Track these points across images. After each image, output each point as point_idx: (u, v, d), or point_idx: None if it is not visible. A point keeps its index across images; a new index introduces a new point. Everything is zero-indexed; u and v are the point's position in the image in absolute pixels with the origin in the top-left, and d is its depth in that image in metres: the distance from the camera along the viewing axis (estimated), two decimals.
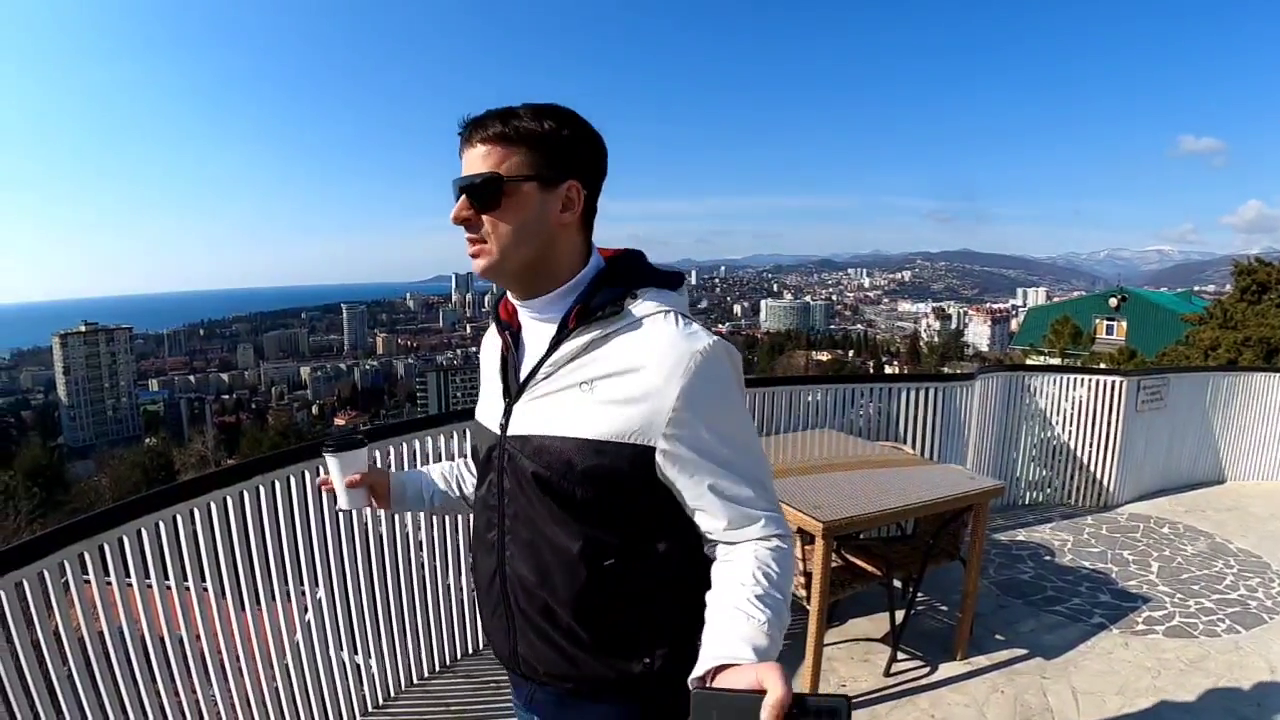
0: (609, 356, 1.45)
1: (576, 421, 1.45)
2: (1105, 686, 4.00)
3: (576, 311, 1.48)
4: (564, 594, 1.52)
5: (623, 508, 1.50)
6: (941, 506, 3.95)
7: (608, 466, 1.44)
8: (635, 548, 1.53)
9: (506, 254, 1.47)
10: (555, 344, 1.50)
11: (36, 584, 2.48)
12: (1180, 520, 6.78)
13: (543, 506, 1.51)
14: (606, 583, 1.51)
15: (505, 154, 1.44)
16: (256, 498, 3.24)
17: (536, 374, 1.52)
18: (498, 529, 1.62)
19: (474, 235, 1.48)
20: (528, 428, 1.52)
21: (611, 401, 1.43)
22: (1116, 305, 44.82)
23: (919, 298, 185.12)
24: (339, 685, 3.65)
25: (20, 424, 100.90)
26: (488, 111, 1.46)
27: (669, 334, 1.44)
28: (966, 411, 6.47)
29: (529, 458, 1.51)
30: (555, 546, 1.52)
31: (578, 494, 1.47)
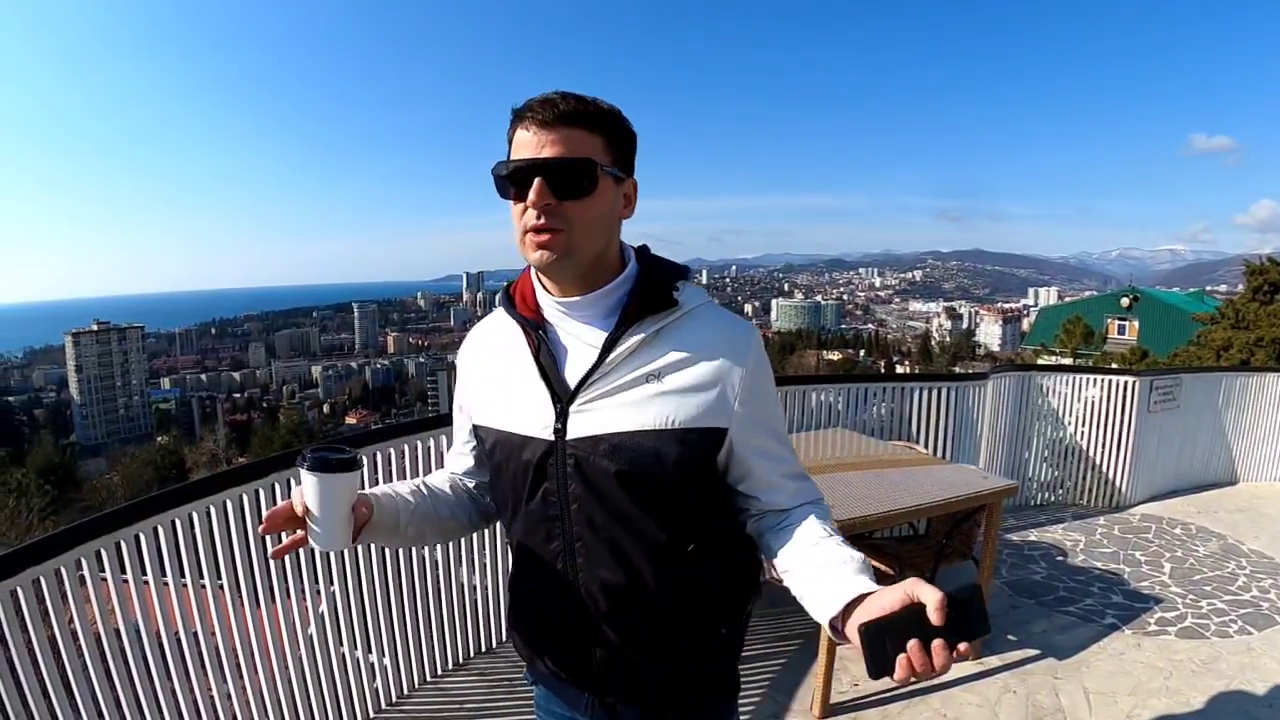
0: (673, 347, 1.46)
1: (652, 413, 1.44)
2: (1117, 687, 3.99)
3: (635, 306, 1.47)
4: (651, 586, 1.51)
5: (697, 491, 1.51)
6: (954, 506, 3.95)
7: (691, 453, 1.45)
8: (704, 529, 1.55)
9: (581, 245, 1.42)
10: (613, 340, 1.46)
11: (53, 580, 2.49)
12: (1192, 521, 6.76)
13: (622, 505, 1.48)
14: (688, 569, 1.53)
15: (589, 139, 1.40)
16: (272, 495, 3.24)
17: (595, 371, 1.47)
18: (562, 539, 1.54)
19: (551, 223, 1.38)
20: (597, 427, 1.46)
21: (683, 390, 1.44)
22: (1128, 305, 44.62)
23: (930, 297, 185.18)
24: (352, 682, 3.66)
25: (33, 422, 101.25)
26: (565, 94, 1.40)
27: (722, 321, 1.51)
28: (979, 411, 6.46)
29: (607, 458, 1.45)
30: (642, 541, 1.49)
31: (666, 485, 1.46)
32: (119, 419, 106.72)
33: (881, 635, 1.16)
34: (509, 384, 1.57)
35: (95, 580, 2.62)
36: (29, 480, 25.75)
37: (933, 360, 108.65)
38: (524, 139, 1.39)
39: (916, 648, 1.14)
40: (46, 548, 2.50)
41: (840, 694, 3.89)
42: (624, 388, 1.46)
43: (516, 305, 1.58)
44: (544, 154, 1.37)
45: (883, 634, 1.16)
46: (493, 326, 1.67)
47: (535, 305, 1.56)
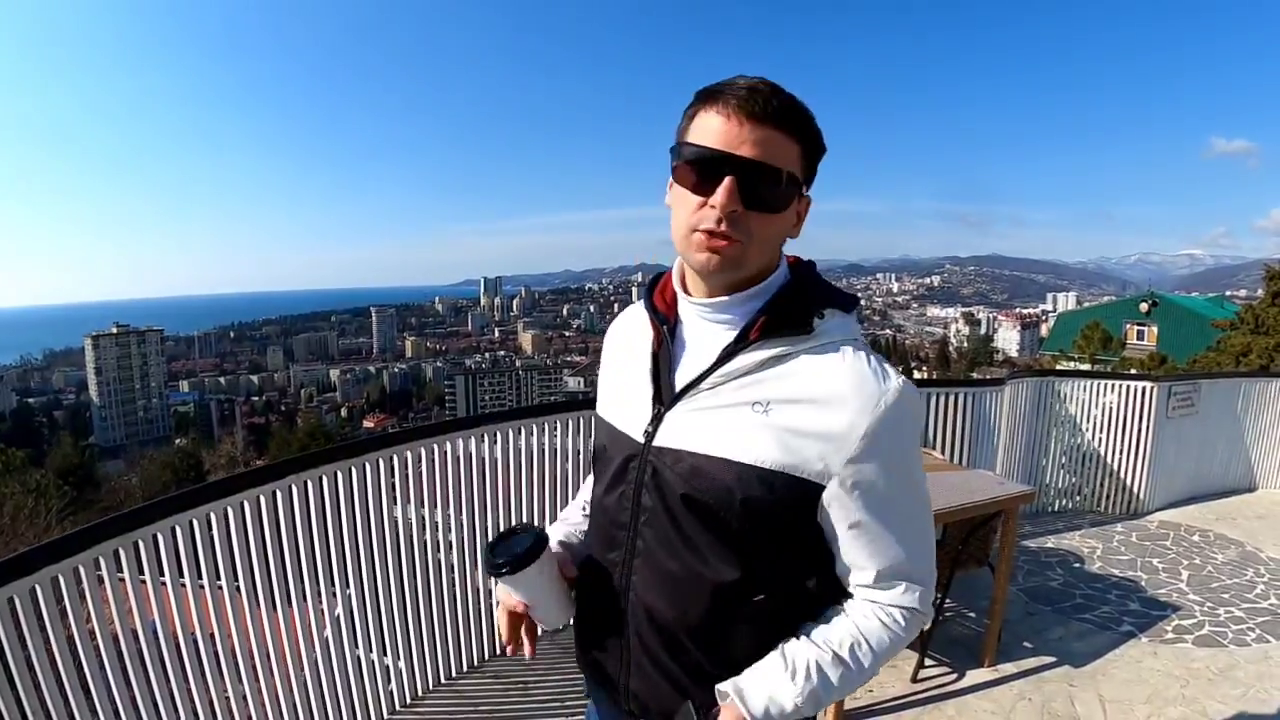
0: (791, 379, 1.29)
1: (744, 444, 1.29)
2: (1133, 695, 3.97)
3: (763, 322, 1.32)
4: (701, 629, 1.38)
5: (780, 540, 1.35)
6: (971, 512, 3.94)
7: (771, 499, 1.28)
8: (787, 583, 1.39)
9: (753, 261, 1.30)
10: (730, 353, 1.33)
11: (71, 579, 2.51)
12: (1210, 528, 6.72)
13: (690, 532, 1.35)
14: (752, 619, 1.37)
15: (790, 146, 1.25)
16: (289, 497, 3.27)
17: (702, 382, 1.34)
18: (624, 550, 1.44)
19: (732, 232, 1.24)
20: (683, 442, 1.34)
21: (788, 430, 1.27)
22: (1147, 310, 44.44)
23: (948, 303, 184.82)
24: (367, 684, 3.67)
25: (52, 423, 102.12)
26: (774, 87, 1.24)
27: (860, 367, 1.29)
28: (996, 416, 6.44)
29: (681, 476, 1.33)
30: (699, 577, 1.35)
31: (734, 524, 1.31)
32: (138, 421, 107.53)
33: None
34: (625, 376, 1.50)
35: (113, 580, 2.63)
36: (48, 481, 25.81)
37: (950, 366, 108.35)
38: (718, 126, 1.23)
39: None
40: (65, 546, 2.53)
41: (855, 700, 3.88)
42: (724, 407, 1.32)
43: (654, 297, 1.47)
44: (742, 151, 1.22)
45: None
46: (631, 316, 1.58)
47: (672, 299, 1.45)
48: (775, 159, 1.22)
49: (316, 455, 3.46)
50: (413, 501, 3.81)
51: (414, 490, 3.81)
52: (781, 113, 1.22)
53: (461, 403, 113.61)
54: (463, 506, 4.03)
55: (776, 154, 1.22)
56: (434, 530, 3.96)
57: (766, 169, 1.22)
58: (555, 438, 4.32)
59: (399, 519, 3.75)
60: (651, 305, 1.46)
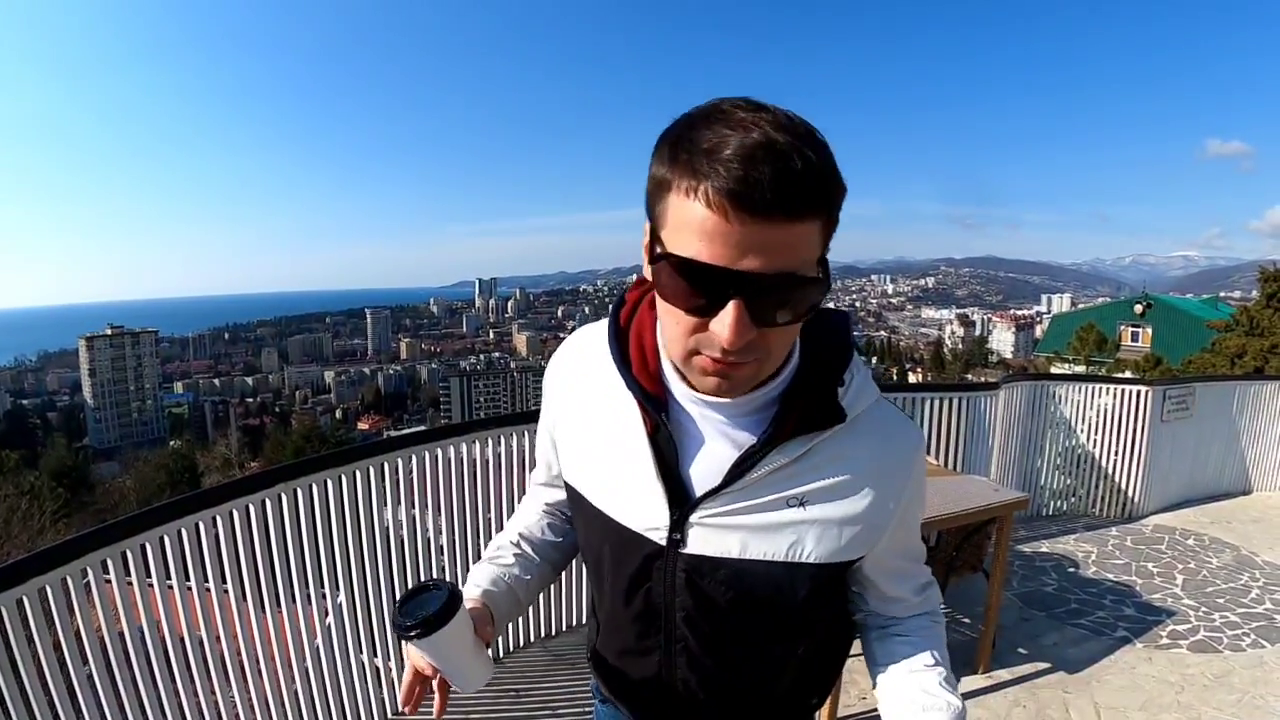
0: (822, 469, 1.18)
1: (787, 543, 1.19)
2: (1128, 702, 3.97)
3: (793, 419, 1.15)
4: (761, 683, 1.38)
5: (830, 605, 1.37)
6: (965, 519, 3.92)
7: (821, 587, 1.24)
8: (828, 633, 1.44)
9: (768, 371, 1.09)
10: (756, 453, 1.15)
11: (59, 588, 2.49)
12: (1205, 532, 6.71)
13: (740, 623, 1.27)
14: (801, 663, 1.40)
15: (808, 233, 0.93)
16: (279, 505, 3.26)
17: (729, 485, 1.17)
18: (661, 635, 1.32)
19: (746, 358, 1.00)
20: (721, 549, 1.20)
21: (828, 520, 1.19)
22: (1142, 312, 44.54)
23: (943, 304, 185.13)
24: (358, 690, 3.66)
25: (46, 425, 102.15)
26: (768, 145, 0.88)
27: (888, 432, 1.22)
28: (991, 421, 6.41)
29: (724, 584, 1.22)
30: (754, 651, 1.32)
31: (783, 615, 1.26)
32: (132, 423, 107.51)
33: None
34: (614, 458, 1.26)
35: (100, 585, 2.62)
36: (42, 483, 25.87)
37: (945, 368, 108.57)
38: (709, 226, 0.90)
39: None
40: (52, 558, 2.51)
41: (848, 707, 3.87)
42: (758, 509, 1.18)
43: (633, 364, 1.21)
44: (745, 264, 0.90)
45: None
46: (596, 355, 1.29)
47: (658, 369, 1.21)
48: (788, 263, 0.92)
49: (309, 463, 3.46)
50: (403, 506, 3.80)
51: (404, 496, 3.80)
52: (792, 196, 0.88)
53: (456, 404, 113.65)
54: (454, 512, 4.02)
55: (789, 255, 0.92)
56: (425, 536, 3.94)
57: (780, 280, 0.93)
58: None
59: (389, 525, 3.74)
60: (635, 383, 1.20)
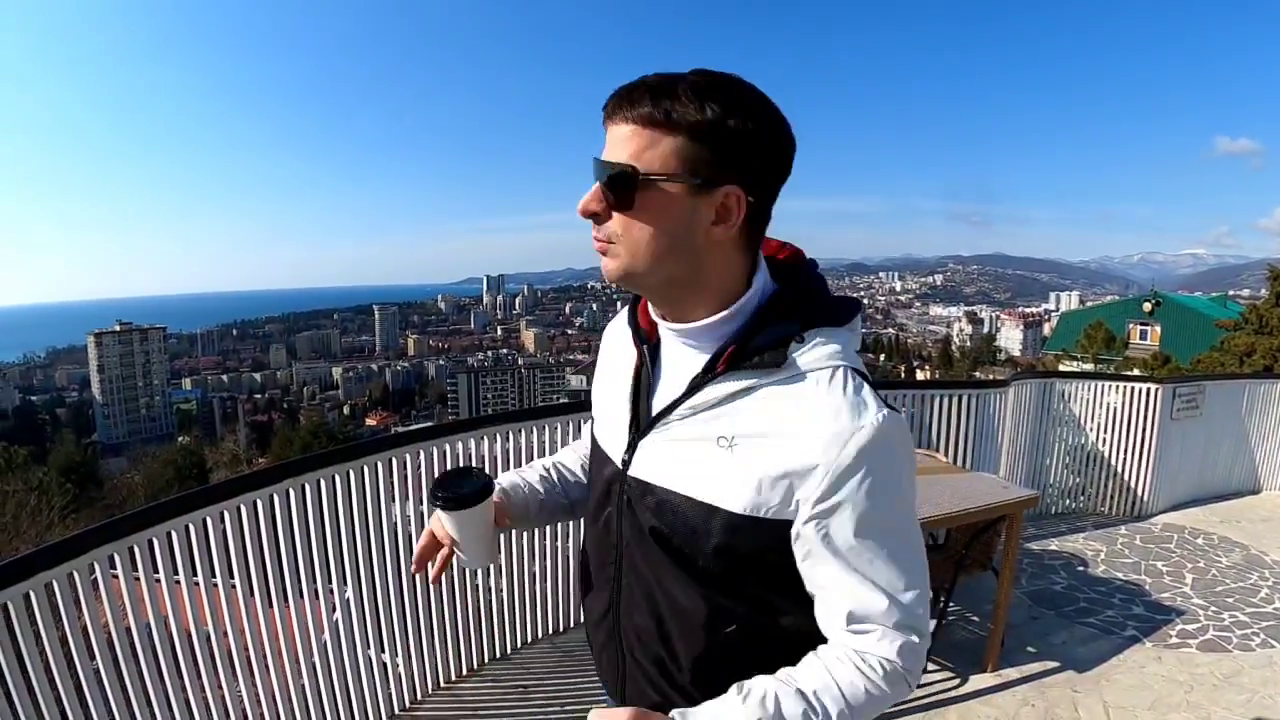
0: (758, 413, 1.20)
1: (710, 483, 1.22)
2: (1137, 701, 3.95)
3: (730, 353, 1.22)
4: (682, 654, 1.34)
5: (748, 577, 1.28)
6: (975, 517, 3.91)
7: (735, 540, 1.22)
8: (759, 618, 1.32)
9: (639, 263, 1.19)
10: (697, 384, 1.25)
11: (66, 583, 2.49)
12: (1215, 531, 6.69)
13: (660, 563, 1.31)
14: (727, 650, 1.31)
15: (651, 140, 1.13)
16: (286, 500, 3.26)
17: (671, 412, 1.28)
18: (614, 568, 1.42)
19: (598, 234, 1.20)
20: (652, 474, 1.30)
21: (753, 468, 1.18)
22: (1150, 310, 44.40)
23: (951, 301, 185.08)
24: (365, 685, 3.66)
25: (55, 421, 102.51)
26: (643, 80, 1.15)
27: (834, 398, 1.17)
28: (1000, 418, 6.41)
29: (650, 511, 1.29)
30: (675, 605, 1.32)
31: (699, 560, 1.26)
32: (140, 419, 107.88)
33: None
34: (611, 392, 1.45)
35: (107, 581, 2.62)
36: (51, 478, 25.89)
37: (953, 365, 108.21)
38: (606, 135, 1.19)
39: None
40: (58, 553, 2.51)
41: None
42: (690, 441, 1.25)
43: (639, 311, 1.40)
44: (606, 154, 1.17)
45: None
46: (621, 327, 1.49)
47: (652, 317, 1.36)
48: (619, 155, 1.15)
49: (316, 458, 3.46)
50: (410, 501, 3.80)
51: (412, 491, 3.79)
52: (629, 102, 1.14)
53: (464, 401, 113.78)
54: None
55: (631, 150, 1.14)
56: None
57: (612, 168, 1.14)
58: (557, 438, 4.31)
59: (397, 521, 3.74)
60: (635, 322, 1.40)
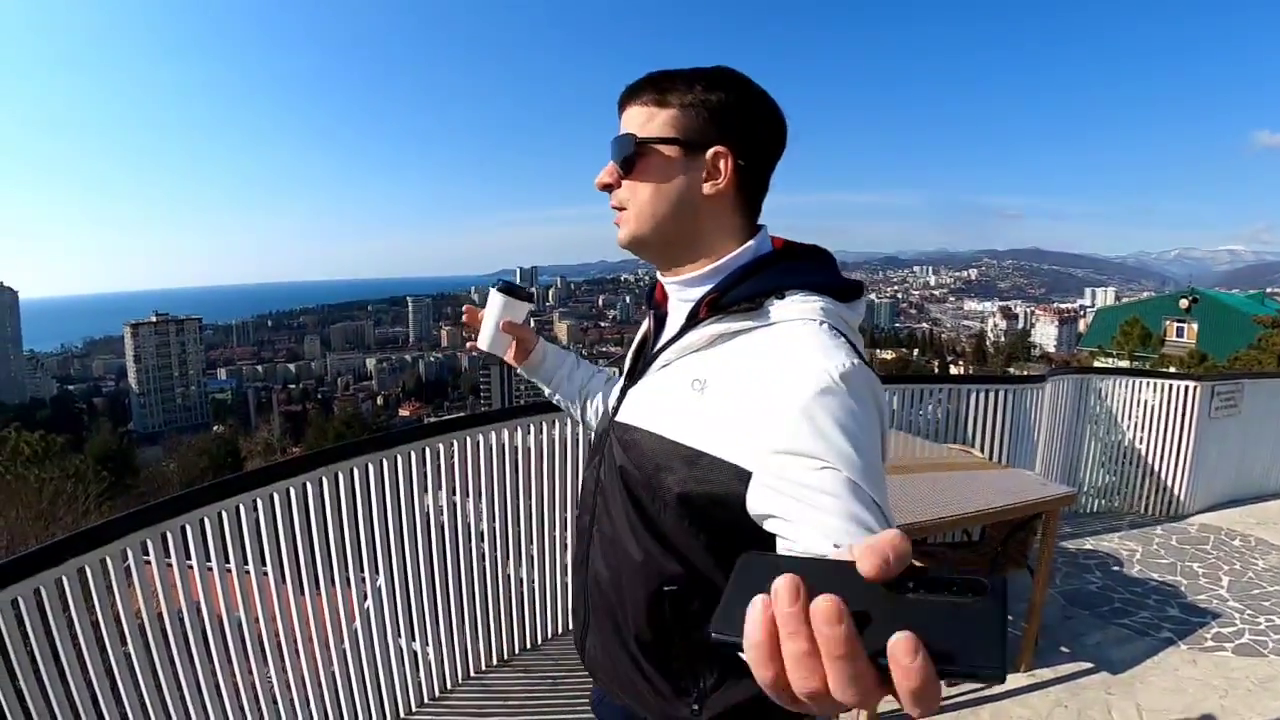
0: (730, 357, 1.24)
1: (677, 422, 1.27)
2: (1171, 704, 3.90)
3: (709, 300, 1.29)
4: (630, 605, 1.37)
5: (706, 530, 1.27)
6: (1011, 513, 3.86)
7: (696, 479, 1.22)
8: (701, 577, 1.29)
9: (644, 223, 1.33)
10: (681, 332, 1.34)
11: (99, 568, 2.52)
12: (1252, 533, 6.58)
13: (621, 505, 1.36)
14: (667, 607, 1.32)
15: (649, 115, 1.30)
16: (320, 488, 3.27)
17: (655, 360, 1.38)
18: (590, 515, 1.48)
19: (614, 203, 1.35)
20: (631, 416, 1.39)
21: (719, 409, 1.21)
22: (1187, 307, 43.98)
23: (985, 296, 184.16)
24: (395, 674, 3.67)
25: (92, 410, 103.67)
26: (647, 74, 1.33)
27: (804, 344, 1.16)
28: (1036, 414, 6.36)
29: (623, 448, 1.37)
30: (626, 552, 1.36)
31: (655, 501, 1.29)
32: (176, 408, 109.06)
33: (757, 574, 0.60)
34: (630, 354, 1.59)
35: (140, 567, 2.64)
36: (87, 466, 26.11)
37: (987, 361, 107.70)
38: None
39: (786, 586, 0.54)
40: (96, 536, 2.54)
41: (889, 702, 3.83)
42: (669, 384, 1.33)
43: (657, 289, 1.52)
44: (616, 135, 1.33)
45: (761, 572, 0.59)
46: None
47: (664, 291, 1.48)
48: (635, 127, 1.30)
49: (349, 447, 3.47)
50: (444, 491, 3.81)
51: (445, 481, 3.80)
52: (635, 91, 1.32)
53: (496, 392, 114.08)
54: (495, 498, 4.02)
55: (636, 123, 1.31)
56: (465, 521, 3.94)
57: (621, 140, 1.31)
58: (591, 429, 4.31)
59: (430, 510, 3.75)
60: (650, 291, 1.54)
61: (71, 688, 2.42)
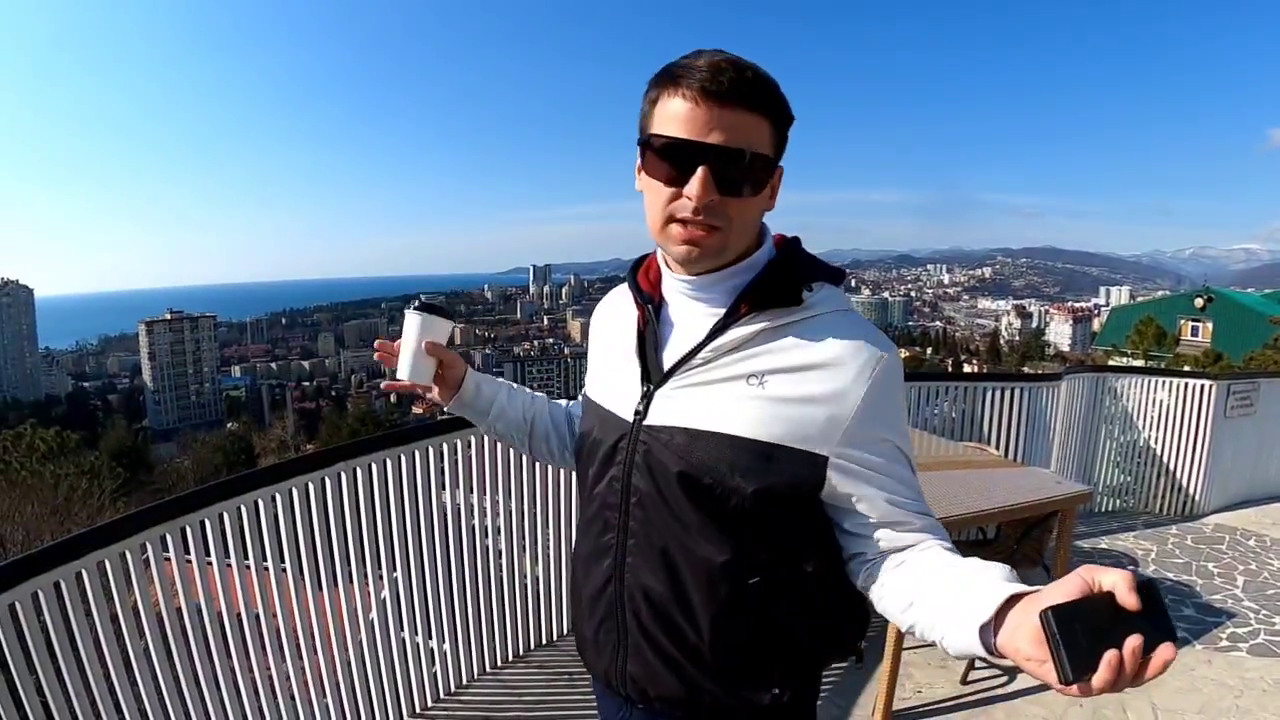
0: (784, 350, 1.27)
1: (741, 418, 1.26)
2: (1186, 705, 3.89)
3: (751, 297, 1.29)
4: (699, 611, 1.33)
5: (777, 519, 1.31)
6: (1026, 511, 3.86)
7: (772, 473, 1.25)
8: (783, 566, 1.34)
9: (734, 245, 1.28)
10: (721, 327, 1.30)
11: (118, 562, 2.54)
12: (1267, 533, 6.55)
13: (685, 510, 1.31)
14: (748, 602, 1.32)
15: (758, 123, 1.21)
16: (338, 483, 3.29)
17: (692, 358, 1.31)
18: (617, 532, 1.40)
19: (710, 220, 1.22)
20: (677, 418, 1.31)
21: (786, 400, 1.25)
22: (1202, 306, 43.80)
23: (999, 295, 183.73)
24: (412, 669, 3.69)
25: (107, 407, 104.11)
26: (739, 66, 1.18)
27: (854, 333, 1.27)
28: (1052, 413, 6.36)
29: (675, 453, 1.30)
30: (695, 557, 1.32)
31: (731, 500, 1.27)
32: (190, 405, 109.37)
33: (1073, 622, 0.88)
34: (612, 357, 1.48)
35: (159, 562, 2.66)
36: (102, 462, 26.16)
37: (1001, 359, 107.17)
38: (684, 111, 1.19)
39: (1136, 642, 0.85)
40: (116, 530, 2.56)
41: (903, 700, 3.84)
42: (719, 382, 1.29)
43: (639, 277, 1.46)
44: (712, 139, 1.18)
45: (1074, 621, 0.88)
46: (619, 295, 1.56)
47: (657, 278, 1.44)
48: (745, 142, 1.19)
49: (364, 443, 3.48)
50: (461, 488, 3.82)
51: (462, 477, 3.82)
52: (745, 91, 1.18)
53: None
54: (510, 493, 4.03)
55: (746, 136, 1.19)
56: (480, 517, 3.95)
57: (738, 154, 1.19)
58: None
59: (446, 506, 3.76)
60: (635, 285, 1.45)
61: (90, 681, 2.44)
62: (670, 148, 1.20)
